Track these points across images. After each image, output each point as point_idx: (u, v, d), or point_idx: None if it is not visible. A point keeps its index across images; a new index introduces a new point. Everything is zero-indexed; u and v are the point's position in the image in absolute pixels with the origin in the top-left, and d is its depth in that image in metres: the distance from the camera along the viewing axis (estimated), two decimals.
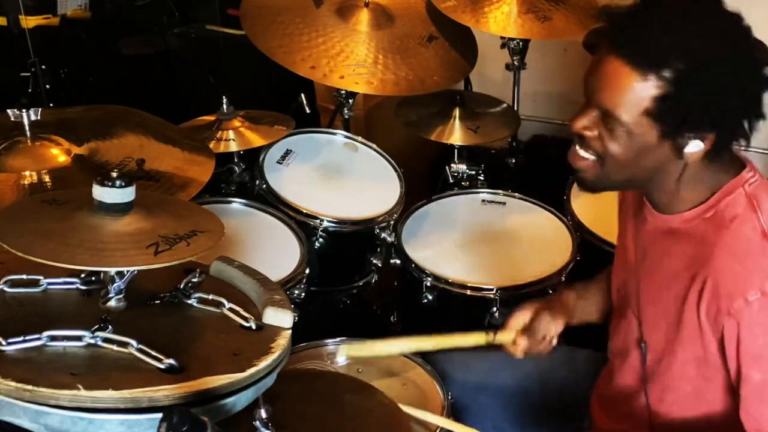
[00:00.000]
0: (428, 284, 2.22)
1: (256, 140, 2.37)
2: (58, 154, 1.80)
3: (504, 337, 1.73)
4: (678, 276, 1.41)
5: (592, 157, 1.39)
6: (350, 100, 2.74)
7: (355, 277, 2.51)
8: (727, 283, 1.33)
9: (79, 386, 1.03)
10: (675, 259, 1.43)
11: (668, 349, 1.46)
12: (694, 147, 1.32)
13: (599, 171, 1.40)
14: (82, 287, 1.26)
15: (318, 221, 2.32)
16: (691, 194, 1.40)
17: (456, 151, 2.74)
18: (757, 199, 1.37)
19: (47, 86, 2.87)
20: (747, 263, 1.32)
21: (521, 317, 1.74)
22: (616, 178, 1.40)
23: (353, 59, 2.43)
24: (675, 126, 1.30)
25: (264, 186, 2.37)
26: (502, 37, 2.85)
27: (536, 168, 3.27)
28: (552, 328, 1.71)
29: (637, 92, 1.29)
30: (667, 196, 1.43)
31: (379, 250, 2.45)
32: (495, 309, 2.16)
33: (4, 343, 1.08)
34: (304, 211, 2.33)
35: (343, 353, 1.83)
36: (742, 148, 1.39)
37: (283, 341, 1.20)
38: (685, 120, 1.29)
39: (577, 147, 1.41)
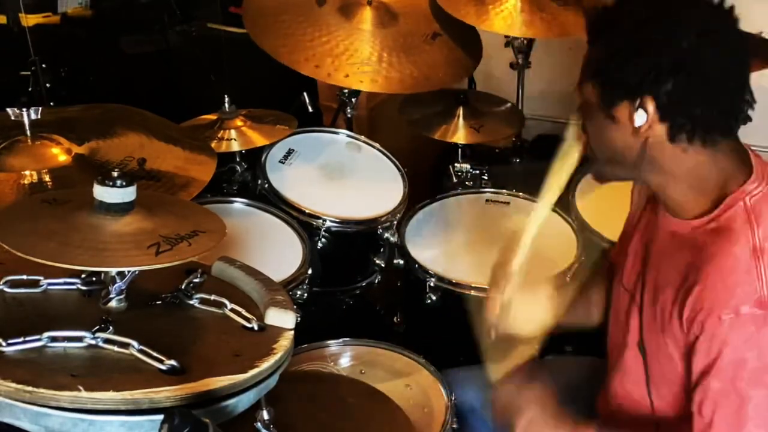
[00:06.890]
0: (432, 285, 2.21)
1: (258, 139, 2.37)
2: (59, 153, 1.79)
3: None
4: (672, 282, 1.41)
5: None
6: (353, 99, 2.73)
7: (358, 278, 2.50)
8: (707, 298, 1.33)
9: (80, 387, 1.02)
10: (675, 265, 1.42)
11: (658, 345, 1.47)
12: (641, 118, 1.32)
13: (590, 153, 1.47)
14: (83, 288, 1.26)
15: (320, 221, 2.31)
16: (697, 196, 1.38)
17: (460, 150, 2.74)
18: (756, 214, 1.34)
19: (47, 85, 2.87)
20: (729, 282, 1.31)
21: None
22: (601, 158, 1.44)
23: (357, 57, 2.42)
24: (604, 87, 1.34)
25: (266, 185, 2.36)
26: (506, 36, 2.83)
27: (541, 168, 3.25)
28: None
29: (587, 60, 1.38)
30: (671, 194, 1.41)
31: (382, 250, 2.44)
32: None
33: (4, 344, 1.08)
34: (307, 211, 2.32)
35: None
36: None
37: (285, 342, 1.20)
38: (607, 78, 1.33)
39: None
